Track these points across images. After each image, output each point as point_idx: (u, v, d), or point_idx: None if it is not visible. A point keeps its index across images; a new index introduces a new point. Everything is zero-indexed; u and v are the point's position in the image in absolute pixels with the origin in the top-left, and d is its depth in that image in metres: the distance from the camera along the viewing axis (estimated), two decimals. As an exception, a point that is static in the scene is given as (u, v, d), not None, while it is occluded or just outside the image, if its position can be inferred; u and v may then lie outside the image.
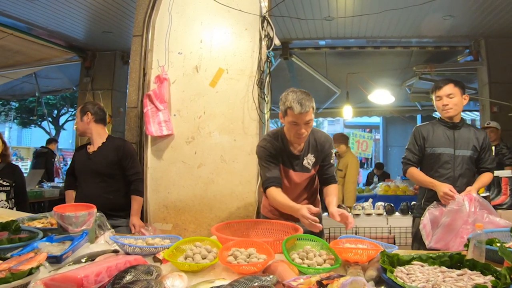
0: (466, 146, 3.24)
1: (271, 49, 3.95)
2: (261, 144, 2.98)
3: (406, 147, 3.46)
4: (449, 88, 3.22)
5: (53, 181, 9.20)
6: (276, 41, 3.97)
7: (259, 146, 2.98)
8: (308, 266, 2.01)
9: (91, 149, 3.66)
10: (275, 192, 2.79)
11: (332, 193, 2.92)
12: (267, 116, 3.99)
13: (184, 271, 1.87)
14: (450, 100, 3.22)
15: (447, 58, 8.81)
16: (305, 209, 2.49)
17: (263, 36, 3.92)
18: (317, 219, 2.49)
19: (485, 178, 3.29)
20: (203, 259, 2.03)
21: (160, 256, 2.12)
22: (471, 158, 3.25)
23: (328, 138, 3.02)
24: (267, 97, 3.95)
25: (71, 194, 3.82)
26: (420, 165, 3.37)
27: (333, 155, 3.04)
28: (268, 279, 1.69)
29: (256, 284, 1.60)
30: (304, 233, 2.46)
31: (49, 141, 10.19)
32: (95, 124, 3.68)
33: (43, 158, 9.76)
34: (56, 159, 10.50)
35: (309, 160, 2.95)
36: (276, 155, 2.91)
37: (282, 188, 2.87)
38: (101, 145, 3.65)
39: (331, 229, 5.62)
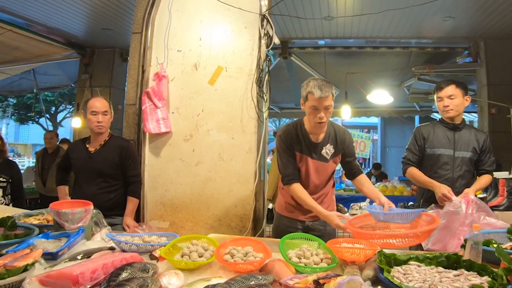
0: (466, 147, 3.24)
1: (270, 47, 3.94)
2: (279, 133, 3.09)
3: (406, 147, 3.46)
4: (450, 89, 3.22)
5: None
6: (276, 40, 3.96)
7: (277, 136, 3.10)
8: (305, 265, 2.02)
9: (92, 147, 3.55)
10: (298, 189, 2.94)
11: (365, 182, 3.12)
12: (265, 114, 3.99)
13: (180, 269, 1.86)
14: (451, 101, 3.22)
15: (446, 59, 8.82)
16: (334, 216, 2.72)
17: (262, 35, 3.91)
18: None
19: (484, 180, 3.29)
20: (199, 257, 2.03)
21: (157, 253, 2.11)
22: (471, 160, 3.25)
23: (347, 132, 3.13)
24: (265, 95, 3.95)
25: (64, 189, 3.72)
26: (419, 166, 3.37)
27: (354, 148, 3.14)
28: (265, 277, 1.69)
29: (253, 282, 1.60)
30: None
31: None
32: None
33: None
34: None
35: (327, 150, 3.01)
36: (292, 144, 3.00)
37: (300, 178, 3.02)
38: (103, 143, 3.55)
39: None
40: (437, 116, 11.64)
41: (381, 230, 2.53)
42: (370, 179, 10.00)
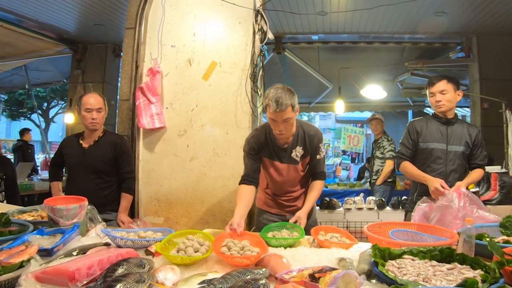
0: (459, 142, 3.26)
1: (264, 43, 3.94)
2: (247, 138, 3.07)
3: (400, 141, 3.48)
4: (442, 84, 3.24)
5: (36, 173, 9.13)
6: (270, 35, 3.96)
7: (246, 139, 3.07)
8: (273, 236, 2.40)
9: (86, 143, 3.53)
10: (241, 190, 2.92)
11: (314, 189, 3.06)
12: (259, 109, 3.99)
13: (176, 264, 1.87)
14: (443, 96, 3.24)
15: (439, 54, 8.85)
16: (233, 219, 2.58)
17: (256, 30, 3.91)
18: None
19: (476, 174, 3.31)
20: (195, 252, 2.03)
21: (152, 249, 2.11)
22: (464, 154, 3.27)
23: (318, 133, 3.03)
24: (260, 90, 3.95)
25: (57, 185, 3.70)
26: (413, 160, 3.39)
27: (322, 150, 3.05)
28: (261, 272, 1.70)
29: (249, 277, 1.61)
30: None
31: (21, 133, 10.10)
32: None
33: (20, 152, 9.73)
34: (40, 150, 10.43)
35: (297, 152, 2.98)
36: (259, 149, 2.99)
37: (271, 180, 3.09)
38: (97, 140, 3.53)
39: (322, 222, 5.64)
40: (430, 111, 11.68)
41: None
42: (364, 174, 10.09)
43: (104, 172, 3.51)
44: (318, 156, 3.03)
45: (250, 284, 1.49)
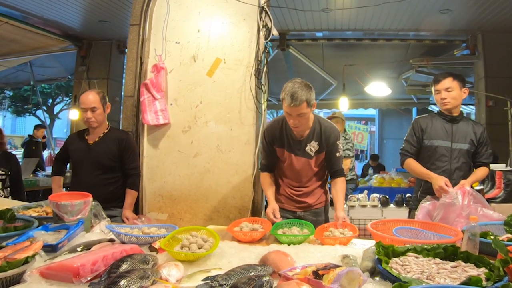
0: (464, 139, 3.24)
1: (268, 39, 3.93)
2: (264, 128, 3.16)
3: (404, 138, 3.46)
4: (447, 82, 3.22)
5: (42, 170, 9.17)
6: (274, 32, 3.96)
7: (262, 131, 3.20)
8: (284, 233, 2.46)
9: (91, 139, 3.53)
10: (262, 177, 3.20)
11: (337, 188, 3.08)
12: (264, 106, 3.99)
13: (180, 260, 1.87)
14: (448, 93, 3.23)
15: (444, 51, 8.82)
16: (269, 209, 2.92)
17: (261, 27, 3.90)
18: None
19: (480, 172, 3.30)
20: (199, 248, 2.03)
21: (156, 245, 2.12)
22: (468, 152, 3.26)
23: (335, 130, 3.05)
24: (264, 87, 3.94)
25: (58, 180, 3.68)
26: (417, 157, 3.37)
27: (340, 148, 3.06)
28: (264, 268, 1.70)
29: (252, 273, 1.61)
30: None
31: (33, 129, 10.17)
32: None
33: (27, 148, 9.80)
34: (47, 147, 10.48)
35: (312, 147, 3.00)
36: (274, 140, 3.05)
37: (285, 172, 3.14)
38: (102, 136, 3.53)
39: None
40: (434, 108, 11.65)
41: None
42: (368, 171, 10.07)
43: (109, 168, 3.50)
44: (337, 154, 3.05)
45: (254, 280, 1.49)
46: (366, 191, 6.24)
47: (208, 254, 2.02)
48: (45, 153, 10.45)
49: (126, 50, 4.25)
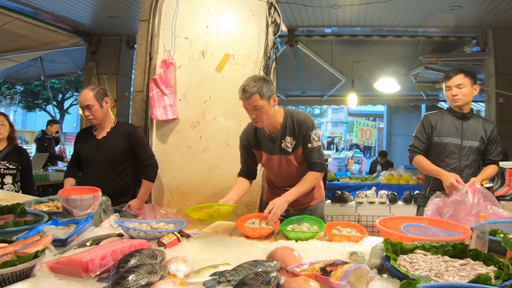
0: (474, 137, 3.22)
1: (277, 35, 3.93)
2: (241, 133, 3.13)
3: (413, 134, 3.42)
4: (459, 78, 3.19)
5: (55, 164, 9.24)
6: (283, 28, 3.95)
7: (240, 135, 3.13)
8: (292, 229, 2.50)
9: (100, 135, 3.53)
10: (236, 181, 3.09)
11: (302, 179, 2.88)
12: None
13: (202, 221, 2.54)
14: (459, 90, 3.20)
15: (454, 48, 8.74)
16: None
17: (270, 22, 3.90)
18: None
19: (490, 170, 3.27)
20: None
21: (164, 240, 2.13)
22: (478, 149, 3.23)
23: (307, 120, 2.89)
24: (272, 83, 3.94)
25: (70, 181, 3.60)
26: (426, 154, 3.35)
27: (315, 138, 2.88)
28: (272, 264, 1.70)
29: (260, 269, 1.62)
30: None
31: (46, 124, 10.24)
32: (109, 109, 3.56)
33: (39, 144, 9.87)
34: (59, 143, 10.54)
35: (287, 143, 2.90)
36: (250, 143, 3.04)
37: (269, 175, 3.16)
38: (110, 131, 3.53)
39: (333, 216, 5.66)
40: (443, 105, 11.58)
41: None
42: (376, 168, 10.03)
43: (119, 163, 3.50)
44: (309, 145, 2.87)
45: (261, 276, 1.50)
46: (374, 188, 6.24)
47: (229, 211, 2.55)
48: (56, 148, 10.50)
49: (135, 46, 4.26)
